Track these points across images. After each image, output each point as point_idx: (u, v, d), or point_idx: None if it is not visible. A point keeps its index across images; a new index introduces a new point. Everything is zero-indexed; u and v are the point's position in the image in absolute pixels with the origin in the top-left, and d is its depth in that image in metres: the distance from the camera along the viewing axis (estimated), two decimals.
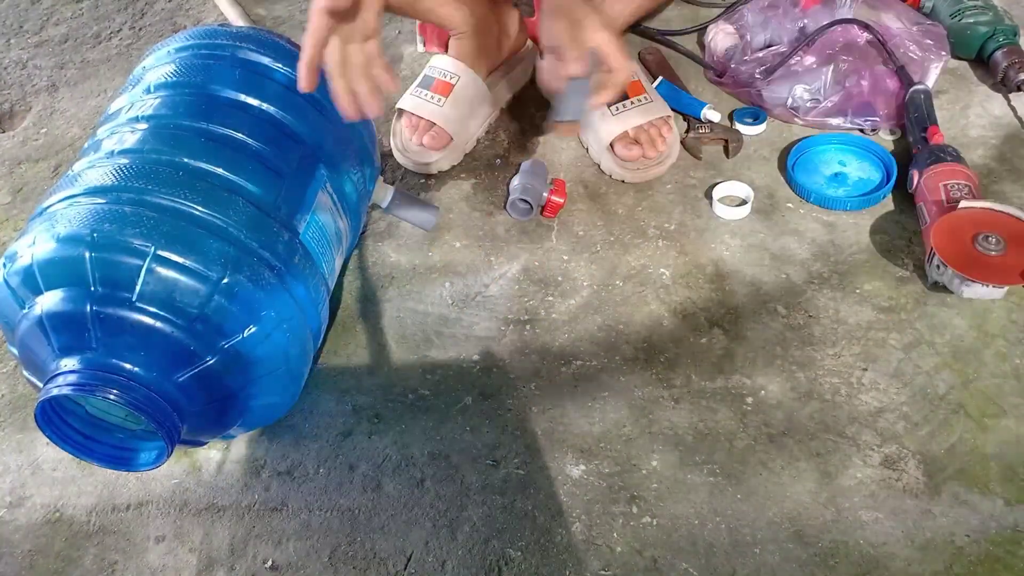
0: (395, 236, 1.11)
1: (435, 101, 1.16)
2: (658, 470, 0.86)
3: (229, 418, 0.84)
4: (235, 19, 0.96)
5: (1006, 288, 0.94)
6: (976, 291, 0.94)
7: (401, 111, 1.19)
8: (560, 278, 1.04)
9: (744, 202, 1.09)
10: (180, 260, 0.76)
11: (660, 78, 1.24)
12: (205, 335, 0.77)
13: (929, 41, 1.18)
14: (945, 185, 1.00)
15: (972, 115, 1.19)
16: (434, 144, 1.16)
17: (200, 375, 0.78)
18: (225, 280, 0.77)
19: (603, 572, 0.79)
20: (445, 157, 1.17)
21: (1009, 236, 0.94)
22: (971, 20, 1.23)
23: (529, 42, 1.31)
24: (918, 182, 1.04)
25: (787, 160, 1.13)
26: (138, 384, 0.75)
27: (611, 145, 1.13)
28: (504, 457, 0.88)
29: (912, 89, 1.13)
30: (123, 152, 0.83)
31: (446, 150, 1.17)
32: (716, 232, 1.07)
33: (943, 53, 1.18)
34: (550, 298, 1.02)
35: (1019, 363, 0.91)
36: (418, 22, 1.35)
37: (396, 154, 1.19)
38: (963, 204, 0.97)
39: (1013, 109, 1.19)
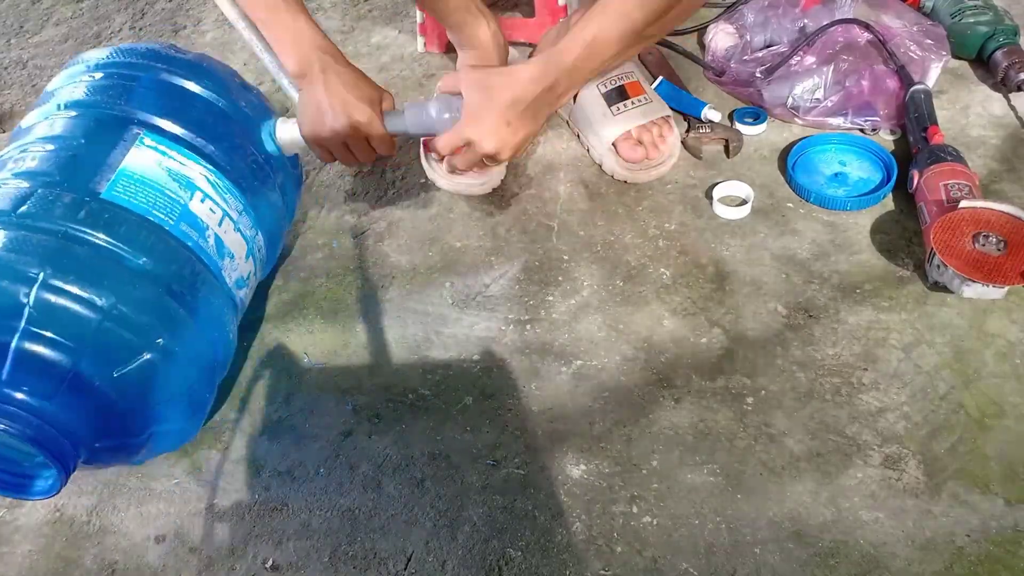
0: (395, 236, 1.11)
1: None
2: (658, 470, 0.86)
3: (131, 447, 0.83)
4: (235, 19, 0.96)
5: (1006, 288, 0.94)
6: (976, 290, 0.94)
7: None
8: (560, 278, 1.04)
9: (744, 202, 1.09)
10: (69, 287, 0.76)
11: (660, 78, 1.24)
12: (94, 361, 0.76)
13: (929, 41, 1.18)
14: (945, 185, 1.00)
15: (972, 115, 1.19)
16: (483, 167, 1.10)
17: (96, 404, 0.77)
18: (113, 305, 0.77)
19: (603, 572, 0.79)
20: (495, 176, 1.15)
21: (1009, 236, 0.94)
22: (971, 20, 1.23)
23: (514, 49, 1.29)
24: (918, 182, 1.04)
25: (787, 160, 1.13)
26: (26, 414, 0.74)
27: (614, 146, 1.13)
28: (504, 457, 0.88)
29: (912, 89, 1.13)
30: (21, 174, 0.83)
31: (495, 170, 1.14)
32: (716, 232, 1.07)
33: (943, 53, 1.18)
34: (550, 298, 1.02)
35: (1019, 363, 0.91)
36: (418, 23, 1.35)
37: (442, 182, 1.14)
38: (963, 204, 0.97)
39: (1013, 109, 1.19)
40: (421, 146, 1.16)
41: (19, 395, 0.74)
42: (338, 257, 1.09)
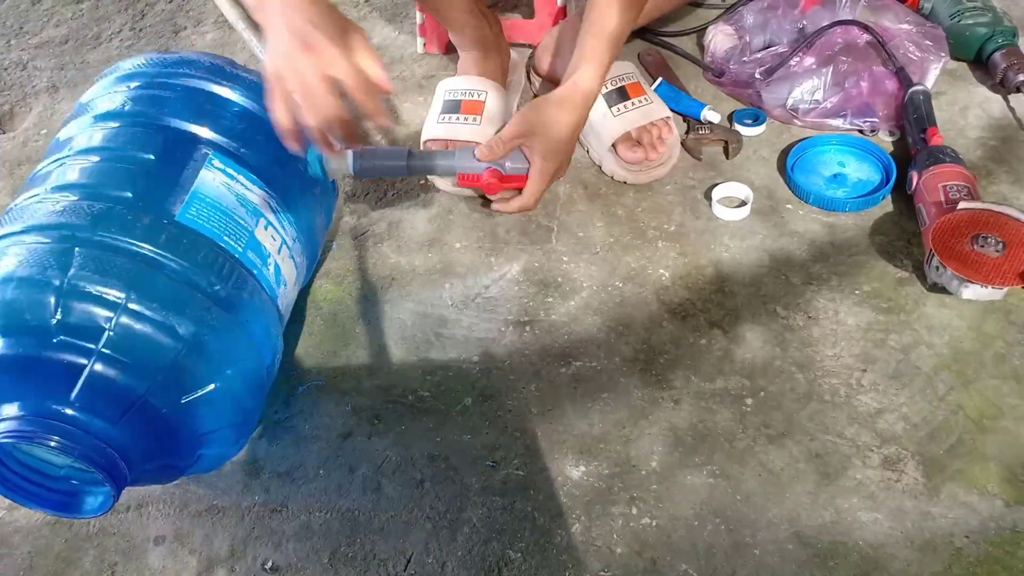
0: (395, 237, 1.11)
1: (470, 122, 1.13)
2: (658, 471, 0.86)
3: (177, 468, 0.81)
4: (235, 20, 0.96)
5: (1005, 289, 0.94)
6: (975, 292, 0.94)
7: (432, 141, 1.15)
8: (560, 279, 1.04)
9: (744, 203, 1.09)
10: (151, 314, 0.74)
11: (660, 79, 1.24)
12: (164, 388, 0.74)
13: (928, 42, 1.19)
14: (944, 186, 1.01)
15: (971, 116, 1.19)
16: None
17: (156, 427, 0.75)
18: (193, 334, 0.75)
19: (603, 573, 0.79)
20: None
21: (1008, 237, 0.95)
22: (970, 21, 1.23)
23: (513, 53, 1.30)
24: (917, 183, 1.04)
25: (786, 161, 1.13)
26: (84, 432, 0.71)
27: (613, 147, 1.13)
28: (504, 458, 0.88)
29: (911, 90, 1.13)
30: (69, 187, 0.80)
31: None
32: (716, 233, 1.07)
33: (942, 54, 1.18)
34: (550, 299, 1.02)
35: (1018, 364, 0.91)
36: (418, 23, 1.35)
37: (441, 184, 1.15)
38: (962, 205, 0.98)
39: (1012, 110, 1.19)
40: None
41: (75, 413, 0.72)
42: (338, 258, 1.09)
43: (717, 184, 1.11)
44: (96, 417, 0.72)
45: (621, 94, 1.14)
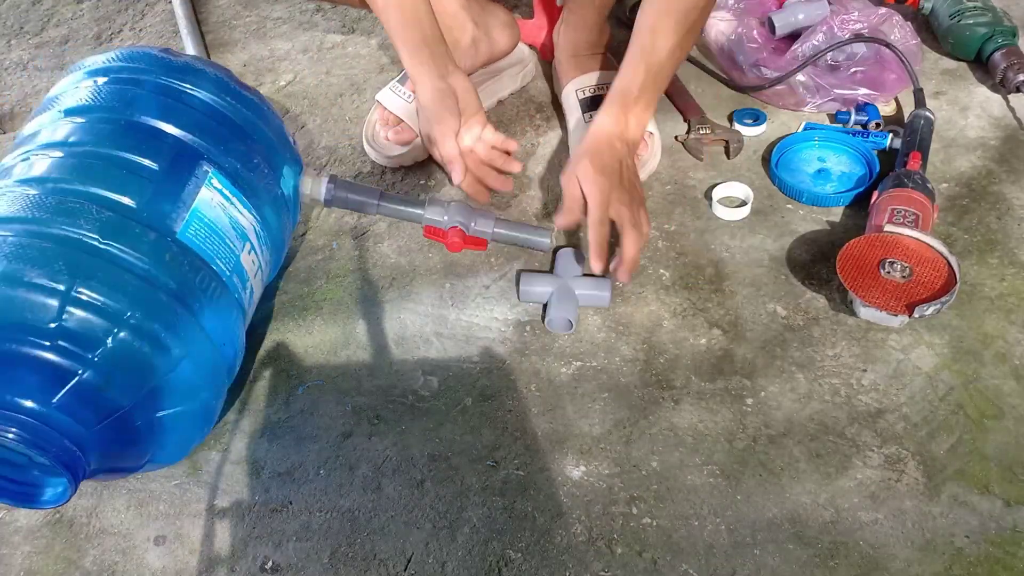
0: (395, 237, 1.11)
1: (406, 97, 1.17)
2: (658, 471, 0.86)
3: (139, 453, 0.82)
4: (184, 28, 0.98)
5: (903, 318, 0.92)
6: (872, 314, 0.94)
7: (377, 103, 1.19)
8: None
9: (744, 203, 1.09)
10: (97, 299, 0.73)
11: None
12: (115, 376, 0.75)
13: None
14: (893, 209, 0.99)
15: (971, 116, 1.19)
16: (398, 139, 1.18)
17: (110, 417, 0.76)
18: (139, 320, 0.75)
19: (603, 573, 0.79)
20: (408, 153, 1.17)
21: (918, 267, 0.94)
22: (970, 21, 1.23)
23: (523, 46, 1.30)
24: (874, 201, 1.03)
25: (770, 161, 1.14)
26: (38, 423, 0.72)
27: None
28: (504, 458, 0.88)
29: (914, 112, 1.13)
30: (30, 181, 0.80)
31: (410, 146, 1.17)
32: (716, 233, 1.07)
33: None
34: None
35: (1018, 364, 0.91)
36: None
37: (364, 144, 1.20)
38: (887, 228, 0.97)
39: (1012, 110, 1.19)
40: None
41: (29, 403, 0.72)
42: (338, 258, 1.09)
43: (717, 184, 1.11)
44: (44, 406, 0.73)
45: (596, 103, 1.13)
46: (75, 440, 0.73)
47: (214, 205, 0.84)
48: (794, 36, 1.23)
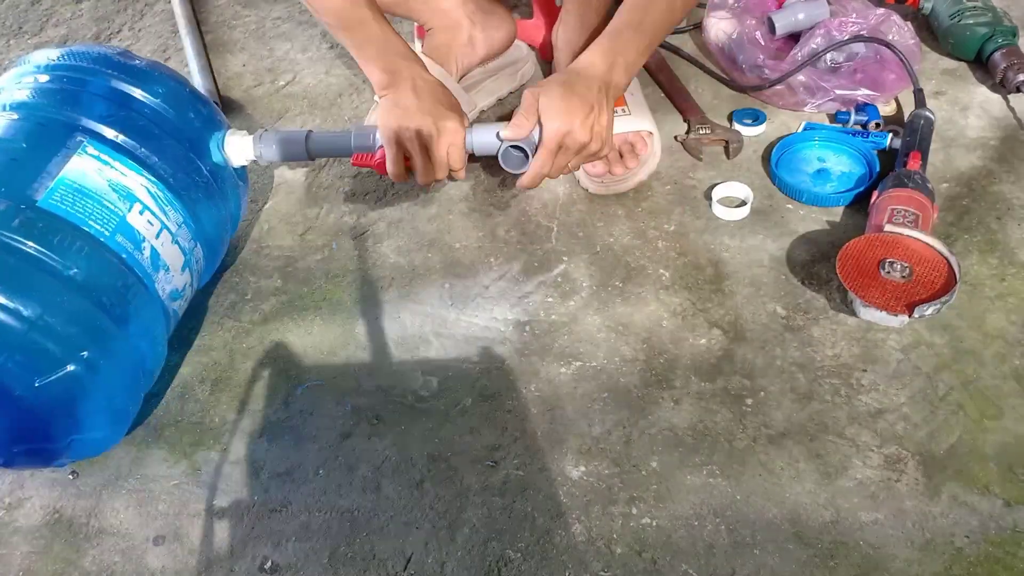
0: (395, 237, 1.11)
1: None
2: (658, 471, 0.86)
3: (50, 452, 0.84)
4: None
5: (903, 318, 0.92)
6: (872, 314, 0.94)
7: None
8: (559, 279, 1.04)
9: (744, 203, 1.09)
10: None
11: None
12: (14, 369, 0.77)
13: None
14: (892, 209, 0.99)
15: (971, 116, 1.19)
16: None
17: (15, 410, 0.78)
18: (39, 316, 0.78)
19: (603, 573, 0.79)
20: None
21: (918, 267, 0.94)
22: (970, 21, 1.23)
23: (522, 44, 1.30)
24: (874, 201, 1.03)
25: (770, 160, 1.13)
26: None
27: None
28: (503, 458, 0.88)
29: (914, 112, 1.13)
30: None
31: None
32: (715, 233, 1.07)
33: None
34: (550, 299, 1.02)
35: (1018, 364, 0.91)
36: (416, 25, 1.34)
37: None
38: (887, 228, 0.97)
39: (1012, 110, 1.19)
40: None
41: None
42: (337, 258, 1.09)
43: (717, 184, 1.11)
44: None
45: None
46: None
47: (88, 171, 0.87)
48: (794, 36, 1.23)
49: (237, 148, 1.00)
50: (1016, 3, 1.32)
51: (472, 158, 1.02)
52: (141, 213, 0.90)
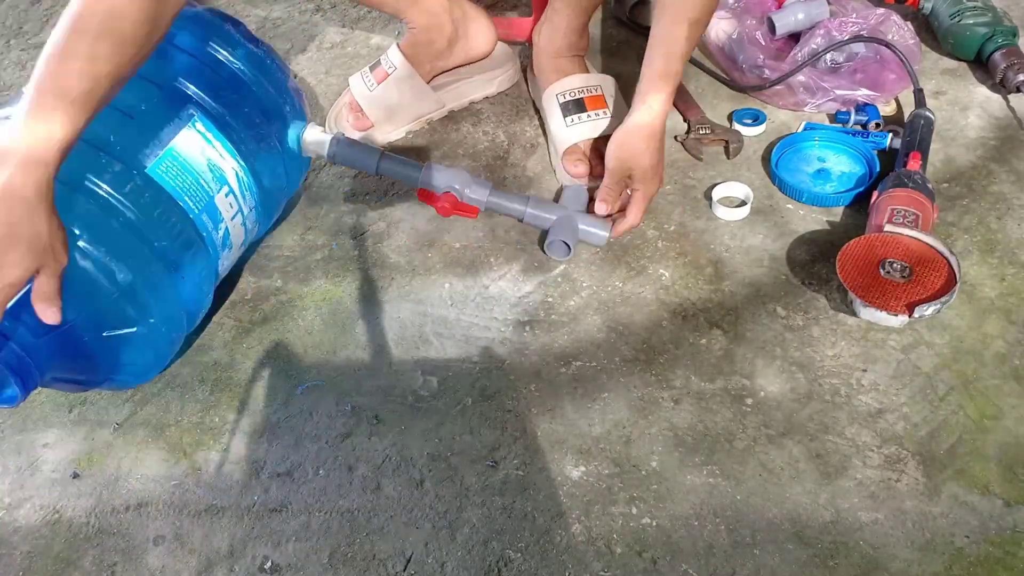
0: (395, 237, 1.11)
1: (369, 86, 1.21)
2: (658, 471, 0.86)
3: (90, 368, 0.86)
4: None
5: (903, 318, 0.92)
6: (872, 314, 0.94)
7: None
8: (560, 279, 1.04)
9: (744, 203, 1.09)
10: (97, 255, 0.80)
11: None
12: (91, 321, 0.80)
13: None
14: (892, 209, 0.99)
15: (971, 116, 1.19)
16: (356, 125, 1.22)
17: (72, 347, 0.81)
18: (130, 283, 0.82)
19: (603, 573, 0.79)
20: (363, 140, 1.19)
21: (918, 267, 0.94)
22: (970, 21, 1.23)
23: (506, 52, 1.29)
24: (874, 201, 1.03)
25: (770, 160, 1.13)
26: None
27: (563, 158, 1.13)
28: (504, 458, 0.88)
29: (914, 112, 1.13)
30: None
31: (364, 134, 1.21)
32: (715, 233, 1.07)
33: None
34: (550, 299, 1.02)
35: (1018, 364, 0.91)
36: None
37: (327, 122, 1.24)
38: (887, 228, 0.97)
39: (1012, 110, 1.19)
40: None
41: (8, 322, 0.76)
42: (337, 258, 1.09)
43: (717, 184, 1.11)
44: (21, 326, 0.77)
45: (578, 105, 1.13)
46: (23, 345, 0.77)
47: (193, 146, 0.89)
48: (794, 36, 1.23)
49: (314, 142, 1.04)
50: (1016, 3, 1.32)
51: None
52: (227, 196, 0.93)
